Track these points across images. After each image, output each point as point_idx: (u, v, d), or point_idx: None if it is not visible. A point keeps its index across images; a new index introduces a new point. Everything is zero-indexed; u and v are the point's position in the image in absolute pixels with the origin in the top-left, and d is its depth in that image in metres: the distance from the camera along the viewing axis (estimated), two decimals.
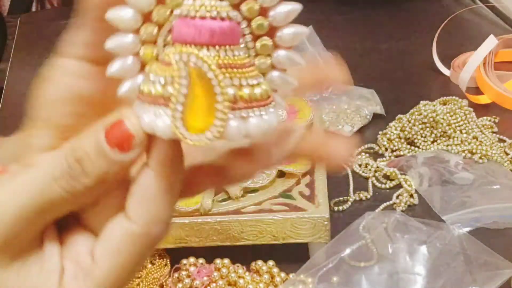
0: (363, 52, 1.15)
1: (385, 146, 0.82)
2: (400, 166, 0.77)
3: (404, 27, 1.24)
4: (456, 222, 0.68)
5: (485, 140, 0.80)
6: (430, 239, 0.61)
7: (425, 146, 0.81)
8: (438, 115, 0.80)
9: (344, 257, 0.60)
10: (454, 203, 0.71)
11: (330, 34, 1.20)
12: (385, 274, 0.59)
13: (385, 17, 1.30)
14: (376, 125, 0.88)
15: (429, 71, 1.04)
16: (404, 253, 0.60)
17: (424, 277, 0.58)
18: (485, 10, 1.26)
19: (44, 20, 1.42)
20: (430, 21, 1.22)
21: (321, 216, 0.62)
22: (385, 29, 1.24)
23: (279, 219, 0.62)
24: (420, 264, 0.59)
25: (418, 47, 1.13)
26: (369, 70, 1.07)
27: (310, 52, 1.07)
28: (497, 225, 0.68)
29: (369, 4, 1.34)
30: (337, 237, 0.62)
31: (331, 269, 0.59)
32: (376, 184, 0.76)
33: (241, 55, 0.27)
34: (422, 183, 0.74)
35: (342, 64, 0.30)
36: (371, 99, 0.92)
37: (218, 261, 0.63)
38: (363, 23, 1.28)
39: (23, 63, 1.20)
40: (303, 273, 0.59)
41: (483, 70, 0.95)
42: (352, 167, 0.78)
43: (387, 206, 0.72)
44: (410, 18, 1.29)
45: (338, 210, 0.72)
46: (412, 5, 1.34)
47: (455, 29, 1.14)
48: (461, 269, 0.58)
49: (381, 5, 1.34)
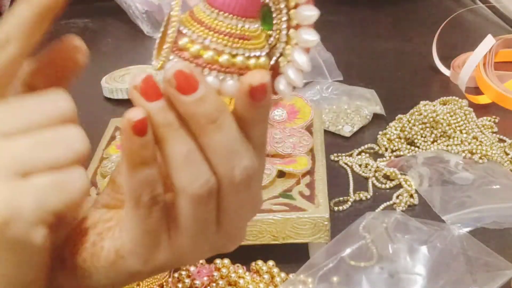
0: (363, 52, 1.15)
1: (385, 146, 0.82)
2: (400, 166, 0.77)
3: (404, 27, 1.24)
4: (456, 222, 0.68)
5: (485, 140, 0.80)
6: (431, 239, 0.61)
7: (425, 146, 0.81)
8: (438, 115, 0.80)
9: (344, 257, 0.60)
10: (454, 203, 0.70)
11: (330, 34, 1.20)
12: (385, 274, 0.59)
13: (385, 17, 1.30)
14: (376, 125, 0.88)
15: (429, 71, 1.04)
16: (404, 253, 0.60)
17: (425, 277, 0.58)
18: (485, 10, 1.26)
19: None
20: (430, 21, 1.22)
21: (321, 216, 0.62)
22: (385, 29, 1.24)
23: (279, 219, 0.62)
24: (421, 264, 0.59)
25: (418, 47, 1.13)
26: (369, 70, 1.07)
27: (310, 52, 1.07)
28: (497, 225, 0.67)
29: (369, 4, 1.34)
30: (337, 237, 0.62)
31: (331, 269, 0.59)
32: (376, 184, 0.76)
33: (253, 28, 0.34)
34: (422, 183, 0.74)
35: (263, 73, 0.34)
36: (371, 99, 0.92)
37: (218, 261, 0.63)
38: (363, 23, 1.28)
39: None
40: (303, 273, 0.59)
41: (483, 70, 0.95)
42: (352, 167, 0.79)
43: (387, 206, 0.72)
44: (410, 18, 1.29)
45: (338, 210, 0.72)
46: (412, 5, 1.34)
47: (455, 29, 1.14)
48: (461, 270, 0.58)
49: (381, 5, 1.34)
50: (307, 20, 0.34)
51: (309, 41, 0.34)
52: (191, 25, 0.33)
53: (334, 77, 1.02)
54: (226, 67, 0.33)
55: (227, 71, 0.33)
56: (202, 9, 0.33)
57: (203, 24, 0.33)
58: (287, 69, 0.35)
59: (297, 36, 0.34)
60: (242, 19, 0.33)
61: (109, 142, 0.77)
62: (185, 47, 0.33)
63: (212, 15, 0.33)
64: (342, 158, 0.81)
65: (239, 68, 0.33)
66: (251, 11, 0.33)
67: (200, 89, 0.32)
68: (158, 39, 0.35)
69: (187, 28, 0.33)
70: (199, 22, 0.33)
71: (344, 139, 0.86)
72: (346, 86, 0.96)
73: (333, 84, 0.96)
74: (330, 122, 0.88)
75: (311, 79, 1.01)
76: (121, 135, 0.32)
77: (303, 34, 0.34)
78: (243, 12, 0.33)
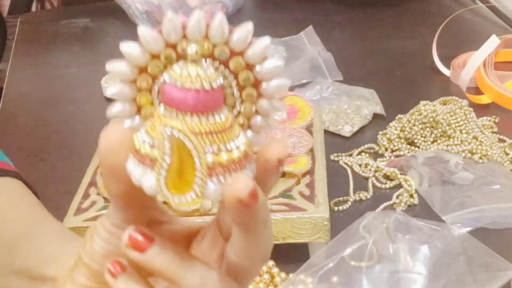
0: (363, 52, 1.15)
1: (385, 146, 0.82)
2: (400, 166, 0.77)
3: (404, 27, 1.24)
4: (456, 222, 0.67)
5: (485, 140, 0.80)
6: (431, 239, 0.61)
7: (425, 146, 0.81)
8: (438, 115, 0.80)
9: (344, 257, 0.60)
10: (454, 203, 0.70)
11: (330, 34, 1.20)
12: (385, 274, 0.59)
13: (385, 17, 1.30)
14: (376, 125, 0.88)
15: (429, 71, 1.04)
16: (405, 253, 0.60)
17: (425, 277, 0.58)
18: (485, 10, 1.26)
19: (44, 20, 1.42)
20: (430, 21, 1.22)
21: (321, 216, 0.62)
22: (385, 29, 1.24)
23: (279, 219, 0.62)
24: (421, 264, 0.59)
25: (418, 47, 1.13)
26: (369, 70, 1.07)
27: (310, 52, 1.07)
28: (497, 225, 0.67)
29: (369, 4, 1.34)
30: (338, 237, 0.62)
31: (331, 269, 0.59)
32: (376, 184, 0.76)
33: (222, 118, 0.30)
34: (422, 183, 0.74)
35: (284, 142, 0.32)
36: (371, 99, 0.92)
37: None
38: (363, 23, 1.28)
39: (23, 63, 1.20)
40: (303, 273, 0.59)
41: (483, 70, 0.95)
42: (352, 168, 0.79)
43: (387, 206, 0.72)
44: (410, 18, 1.29)
45: (338, 210, 0.72)
46: (412, 5, 1.34)
47: (455, 29, 1.14)
48: (462, 270, 0.58)
49: (381, 5, 1.34)
50: (277, 94, 0.31)
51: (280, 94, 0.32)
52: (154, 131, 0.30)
53: (334, 77, 1.02)
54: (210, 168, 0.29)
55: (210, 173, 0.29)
56: (162, 112, 0.30)
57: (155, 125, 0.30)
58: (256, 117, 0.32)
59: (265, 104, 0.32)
60: (206, 114, 0.29)
61: None
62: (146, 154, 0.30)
63: (174, 116, 0.29)
64: (342, 158, 0.81)
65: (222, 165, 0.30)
66: (215, 102, 0.30)
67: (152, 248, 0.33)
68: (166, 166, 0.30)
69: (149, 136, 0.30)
70: (153, 123, 0.30)
71: (344, 139, 0.86)
72: (346, 86, 0.96)
73: (333, 84, 0.96)
74: (330, 122, 0.88)
75: (311, 79, 1.01)
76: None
77: (274, 102, 0.32)
78: (203, 107, 0.29)
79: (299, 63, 1.05)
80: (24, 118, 1.00)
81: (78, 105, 1.03)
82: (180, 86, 0.29)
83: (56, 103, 1.04)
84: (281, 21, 1.32)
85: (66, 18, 1.40)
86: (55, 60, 1.21)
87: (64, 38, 1.31)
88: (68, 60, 1.20)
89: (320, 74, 1.02)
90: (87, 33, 1.32)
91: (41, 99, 1.07)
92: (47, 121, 0.98)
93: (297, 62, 1.05)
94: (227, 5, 1.34)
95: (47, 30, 1.36)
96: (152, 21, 1.26)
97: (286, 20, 1.32)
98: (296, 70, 1.03)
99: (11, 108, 1.04)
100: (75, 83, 1.11)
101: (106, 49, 1.23)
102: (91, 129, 0.95)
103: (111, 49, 1.24)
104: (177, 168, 0.29)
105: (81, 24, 1.36)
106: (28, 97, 1.09)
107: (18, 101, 1.07)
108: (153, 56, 0.31)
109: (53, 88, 1.10)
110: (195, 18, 0.30)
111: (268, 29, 1.27)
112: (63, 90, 1.09)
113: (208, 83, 0.29)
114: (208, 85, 0.29)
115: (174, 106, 0.29)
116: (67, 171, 0.83)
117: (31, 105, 1.06)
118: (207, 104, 0.29)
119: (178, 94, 0.29)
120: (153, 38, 0.30)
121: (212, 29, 0.30)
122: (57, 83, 1.11)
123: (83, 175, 0.71)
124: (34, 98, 1.08)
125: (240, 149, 0.30)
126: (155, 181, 0.29)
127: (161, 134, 0.29)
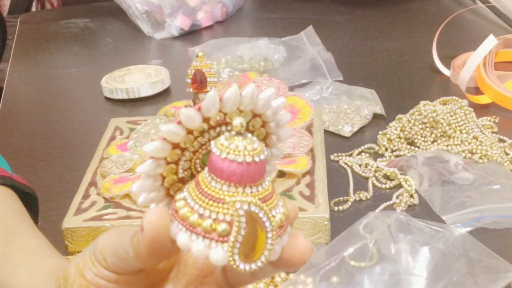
0: (363, 52, 1.15)
1: (385, 146, 0.82)
2: (400, 166, 0.77)
3: (404, 27, 1.24)
4: (456, 222, 0.67)
5: (485, 140, 0.80)
6: (433, 241, 0.61)
7: (425, 146, 0.81)
8: (438, 115, 0.80)
9: (345, 257, 0.60)
10: (454, 203, 0.70)
11: (330, 34, 1.20)
12: (386, 274, 0.59)
13: (385, 17, 1.30)
14: (376, 125, 0.88)
15: (429, 71, 1.04)
16: (406, 254, 0.59)
17: (426, 278, 0.58)
18: (485, 10, 1.26)
19: (44, 20, 1.42)
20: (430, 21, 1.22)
21: (321, 216, 0.61)
22: (385, 29, 1.24)
23: None
24: (422, 265, 0.59)
25: (418, 47, 1.13)
26: (369, 70, 1.07)
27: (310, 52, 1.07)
28: (497, 225, 0.67)
29: (369, 4, 1.35)
30: (338, 237, 0.62)
31: (332, 269, 0.59)
32: (376, 184, 0.76)
33: (264, 187, 0.32)
34: (422, 183, 0.74)
35: (308, 244, 0.34)
36: (371, 99, 0.92)
37: None
38: (363, 23, 1.28)
39: (23, 63, 1.20)
40: (303, 273, 0.59)
41: (483, 70, 0.95)
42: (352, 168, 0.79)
43: (387, 206, 0.72)
44: (410, 18, 1.29)
45: (338, 210, 0.72)
46: (412, 5, 1.34)
47: (455, 29, 1.14)
48: (463, 271, 0.58)
49: (381, 5, 1.34)
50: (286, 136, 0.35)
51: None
52: (197, 198, 0.32)
53: (334, 77, 1.02)
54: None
55: None
56: (208, 179, 0.32)
57: (209, 197, 0.31)
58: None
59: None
60: (256, 184, 0.32)
61: (109, 142, 0.77)
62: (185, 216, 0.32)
63: (219, 187, 0.31)
64: (342, 158, 0.81)
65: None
66: (261, 173, 0.32)
67: None
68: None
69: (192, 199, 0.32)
70: (204, 194, 0.32)
71: (344, 139, 0.86)
72: (346, 86, 0.96)
73: (333, 84, 0.96)
74: (330, 122, 0.88)
75: (311, 79, 1.01)
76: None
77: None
78: (253, 179, 0.31)
79: (299, 63, 1.05)
80: (24, 118, 1.00)
81: (78, 105, 1.02)
82: (231, 159, 0.31)
83: (56, 103, 1.04)
84: (281, 21, 1.32)
85: (66, 18, 1.40)
86: (55, 60, 1.21)
87: (64, 38, 1.31)
88: (68, 60, 1.20)
89: (320, 74, 1.02)
90: (87, 33, 1.33)
91: (41, 99, 1.07)
92: (47, 121, 0.98)
93: (297, 62, 1.05)
94: (227, 5, 1.34)
95: (47, 30, 1.36)
96: (152, 21, 1.26)
97: (286, 20, 1.32)
98: (296, 70, 1.03)
99: (11, 108, 1.04)
100: (75, 83, 1.11)
101: (106, 49, 1.23)
102: (91, 129, 0.96)
103: (111, 49, 1.24)
104: (250, 239, 0.31)
105: (81, 24, 1.36)
106: (28, 97, 1.09)
107: (18, 101, 1.07)
108: (188, 131, 0.32)
109: (53, 88, 1.10)
110: (232, 92, 0.31)
111: (268, 29, 1.28)
112: (63, 90, 1.09)
113: (251, 157, 0.31)
114: (250, 159, 0.31)
115: (224, 178, 0.31)
116: (67, 171, 0.83)
117: (31, 105, 1.06)
118: (255, 175, 0.31)
119: (225, 166, 0.31)
120: (196, 117, 0.32)
121: (245, 99, 0.32)
122: (57, 83, 1.11)
123: (83, 175, 0.71)
124: (34, 98, 1.08)
125: (283, 212, 0.33)
126: (228, 253, 0.31)
127: (236, 210, 0.31)
